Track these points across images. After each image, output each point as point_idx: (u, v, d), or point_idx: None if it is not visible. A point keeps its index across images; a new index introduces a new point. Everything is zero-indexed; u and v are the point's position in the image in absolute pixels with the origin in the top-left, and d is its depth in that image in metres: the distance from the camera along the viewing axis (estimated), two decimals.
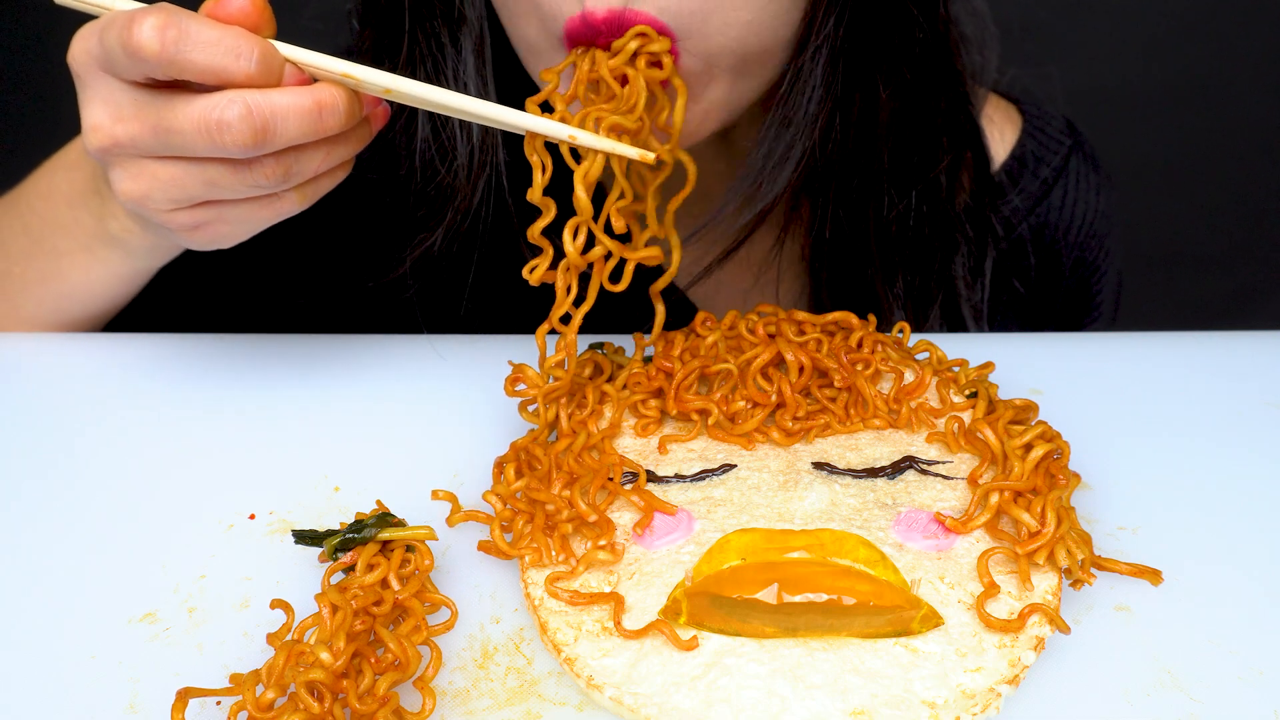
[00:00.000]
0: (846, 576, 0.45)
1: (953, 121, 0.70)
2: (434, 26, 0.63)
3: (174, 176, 0.50)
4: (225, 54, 0.46)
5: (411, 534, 0.48)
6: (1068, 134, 0.81)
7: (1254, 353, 0.65)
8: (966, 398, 0.56)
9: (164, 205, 0.51)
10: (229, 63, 0.46)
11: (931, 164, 0.69)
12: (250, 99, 0.47)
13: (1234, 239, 1.84)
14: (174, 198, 0.50)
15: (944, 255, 0.72)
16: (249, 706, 0.40)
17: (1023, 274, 0.80)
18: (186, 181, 0.50)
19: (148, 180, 0.50)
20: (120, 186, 0.51)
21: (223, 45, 0.46)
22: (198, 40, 0.46)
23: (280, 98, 0.47)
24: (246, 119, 0.46)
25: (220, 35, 0.46)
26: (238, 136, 0.46)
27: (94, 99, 0.49)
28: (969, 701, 0.41)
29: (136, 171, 0.50)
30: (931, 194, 0.70)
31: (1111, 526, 0.51)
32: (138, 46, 0.45)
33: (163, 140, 0.48)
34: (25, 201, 0.67)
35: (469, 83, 0.64)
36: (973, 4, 0.74)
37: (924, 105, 0.67)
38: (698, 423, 0.55)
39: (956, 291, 0.73)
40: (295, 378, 0.63)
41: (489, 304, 0.74)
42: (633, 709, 0.41)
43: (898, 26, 0.62)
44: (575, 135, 0.52)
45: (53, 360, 0.65)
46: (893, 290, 0.71)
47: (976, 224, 0.73)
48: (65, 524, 0.53)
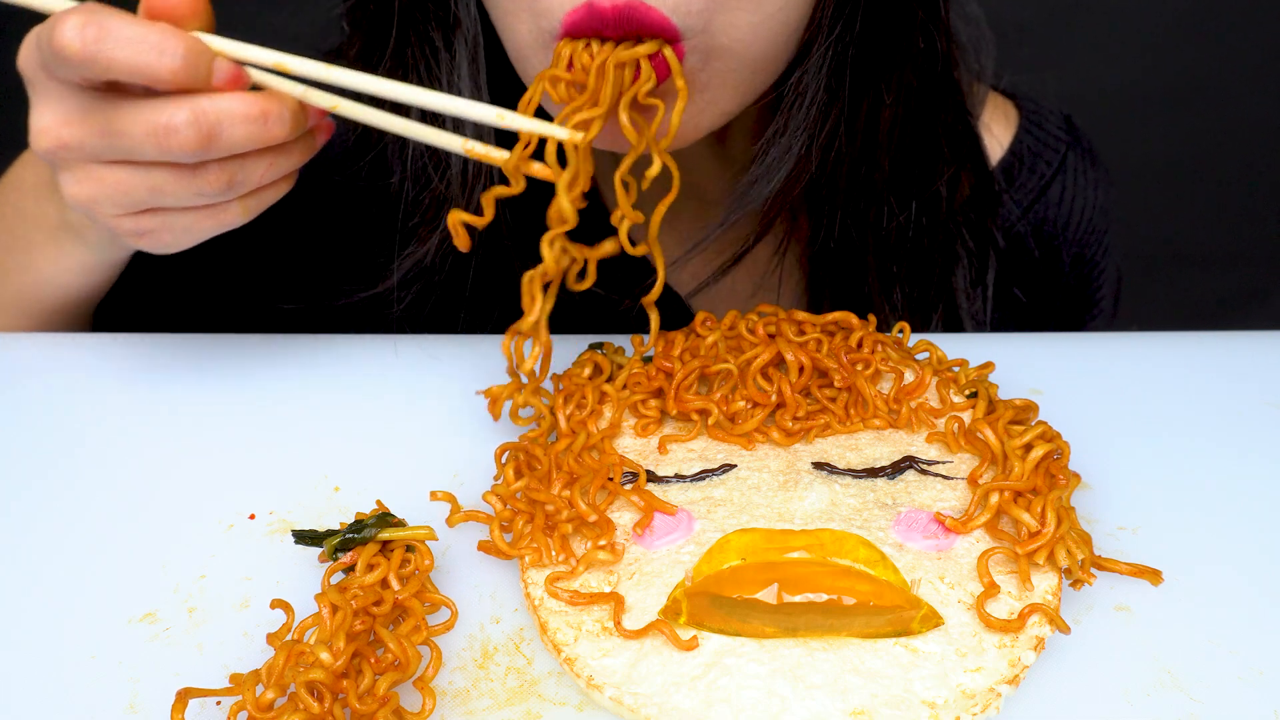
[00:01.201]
0: (846, 576, 0.45)
1: (953, 132, 0.70)
2: (427, 30, 0.63)
3: (120, 181, 0.50)
4: (148, 50, 0.46)
5: (411, 534, 0.48)
6: (1065, 130, 0.81)
7: (1254, 353, 0.65)
8: (966, 398, 0.56)
9: (110, 210, 0.51)
10: (152, 59, 0.46)
11: (931, 175, 0.69)
12: (196, 104, 0.47)
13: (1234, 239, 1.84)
14: (120, 203, 0.51)
15: (944, 267, 0.72)
16: (249, 706, 0.40)
17: (1022, 274, 0.79)
18: (132, 186, 0.50)
19: (94, 184, 0.50)
20: (68, 190, 0.51)
21: (146, 42, 0.46)
22: (118, 37, 0.45)
23: (226, 103, 0.47)
24: (193, 124, 0.47)
25: (143, 32, 0.46)
26: (184, 141, 0.47)
27: (41, 102, 0.49)
28: (969, 701, 0.41)
29: (83, 175, 0.50)
30: (931, 205, 0.70)
31: (1111, 526, 0.51)
32: (60, 47, 0.45)
33: (110, 144, 0.48)
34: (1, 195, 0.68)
35: (463, 87, 0.64)
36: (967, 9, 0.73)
37: (924, 115, 0.67)
38: (698, 423, 0.55)
39: (957, 303, 0.73)
40: (295, 378, 0.63)
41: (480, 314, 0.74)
42: (633, 709, 0.41)
43: (903, 35, 0.62)
44: (503, 115, 0.51)
45: (53, 360, 0.65)
46: (891, 301, 0.71)
47: (978, 235, 0.73)
48: (65, 524, 0.53)
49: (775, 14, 0.55)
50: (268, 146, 0.50)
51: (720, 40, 0.54)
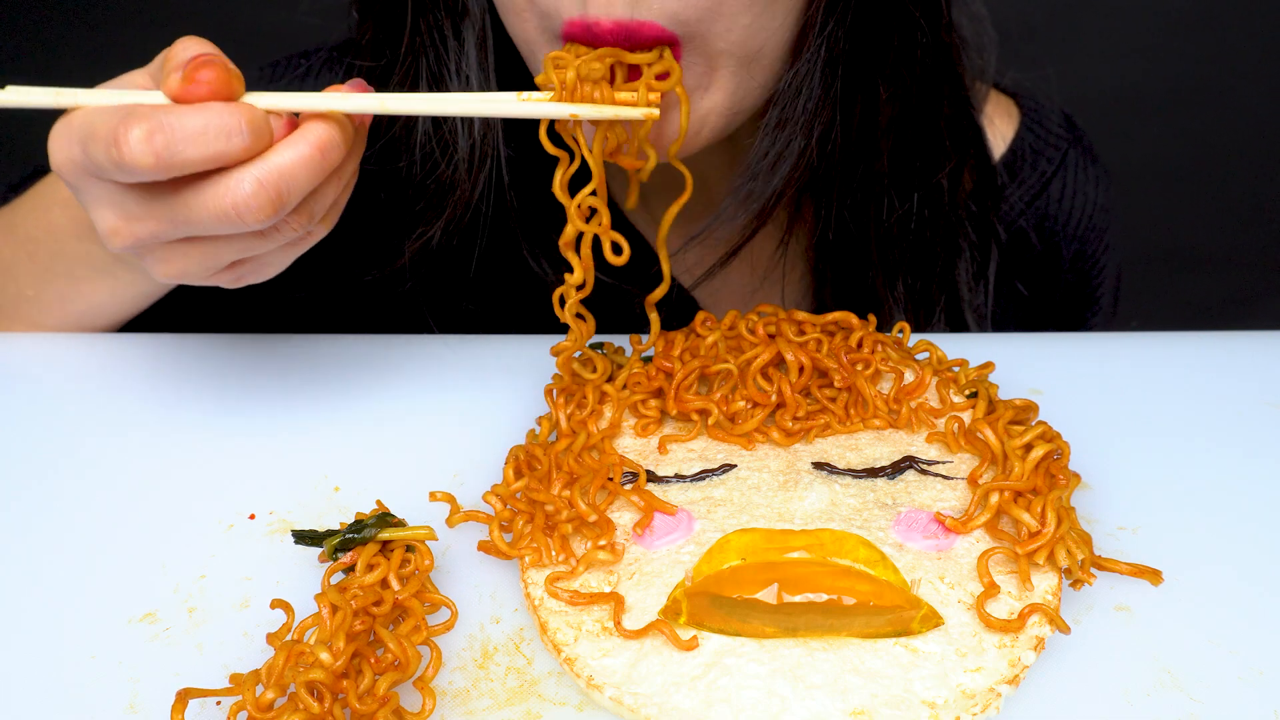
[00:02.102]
0: (846, 576, 0.45)
1: (955, 126, 0.70)
2: (437, 18, 0.63)
3: (206, 253, 0.49)
4: (217, 139, 0.45)
5: (411, 534, 0.48)
6: (1066, 128, 0.82)
7: (1254, 353, 0.65)
8: (966, 398, 0.56)
9: (203, 275, 0.51)
10: (223, 146, 0.45)
11: (934, 169, 0.69)
12: (258, 174, 0.46)
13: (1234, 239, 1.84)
14: (211, 268, 0.50)
15: (946, 259, 0.72)
16: (249, 706, 0.40)
17: (1023, 269, 0.80)
18: (220, 253, 0.50)
19: (182, 261, 0.50)
20: (157, 271, 0.50)
21: (211, 131, 0.45)
22: (187, 136, 0.44)
23: (283, 158, 0.46)
24: (259, 194, 0.46)
25: (205, 120, 0.45)
26: (257, 214, 0.46)
27: (98, 204, 0.48)
28: (969, 701, 0.41)
29: (167, 255, 0.50)
30: (934, 198, 0.70)
31: (1111, 526, 0.51)
32: (132, 163, 0.44)
33: (184, 230, 0.48)
34: (23, 232, 0.67)
35: (471, 75, 0.64)
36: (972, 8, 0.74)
37: (926, 109, 0.67)
38: (698, 423, 0.55)
39: (959, 295, 0.73)
40: (295, 378, 0.63)
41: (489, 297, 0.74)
42: (633, 709, 0.41)
43: (899, 30, 0.62)
44: (577, 111, 0.51)
45: (53, 360, 0.65)
46: (894, 293, 0.71)
47: (980, 228, 0.73)
48: (65, 524, 0.53)
49: (770, 15, 0.55)
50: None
51: (718, 45, 0.55)
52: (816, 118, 0.61)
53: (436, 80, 0.64)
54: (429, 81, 0.65)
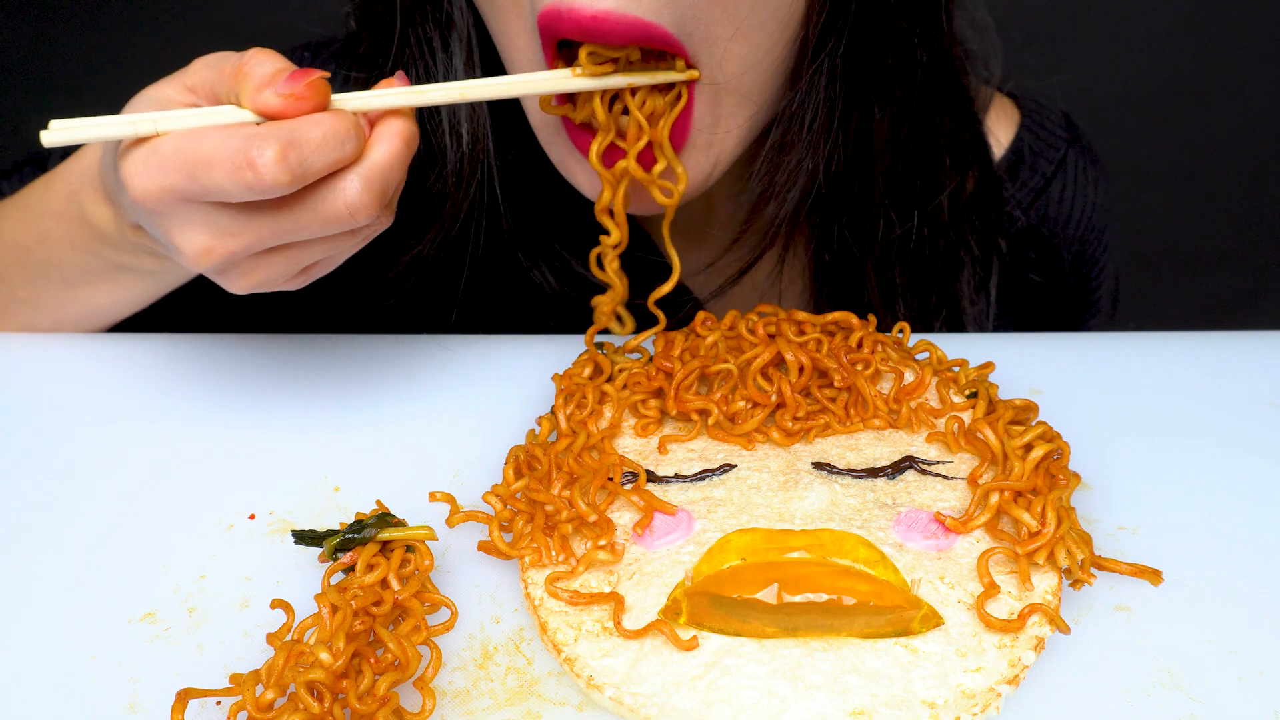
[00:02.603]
0: (846, 576, 0.45)
1: (958, 141, 0.70)
2: (426, 31, 0.63)
3: (291, 257, 0.50)
4: (338, 147, 0.47)
5: (411, 534, 0.48)
6: (1065, 129, 0.82)
7: (1254, 353, 0.65)
8: (966, 398, 0.56)
9: (281, 281, 0.51)
10: (341, 154, 0.47)
11: (934, 187, 0.69)
12: (362, 174, 0.48)
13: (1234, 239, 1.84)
14: (292, 271, 0.51)
15: (948, 273, 0.72)
16: (249, 706, 0.40)
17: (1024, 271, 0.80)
18: (306, 256, 0.50)
19: (266, 270, 0.50)
20: (237, 283, 0.51)
21: (331, 140, 0.46)
22: (312, 148, 0.46)
23: (380, 155, 0.48)
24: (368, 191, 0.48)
25: (323, 132, 0.46)
26: (367, 211, 0.48)
27: (186, 228, 0.48)
28: (969, 701, 0.41)
29: (251, 267, 0.50)
30: (934, 217, 0.70)
31: (1111, 526, 0.51)
32: (271, 183, 0.45)
33: (286, 238, 0.48)
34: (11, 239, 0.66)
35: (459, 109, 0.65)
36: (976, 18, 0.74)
37: (925, 127, 0.67)
38: (698, 423, 0.55)
39: (960, 307, 0.73)
40: (295, 378, 0.63)
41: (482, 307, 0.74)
42: (633, 709, 0.41)
43: (893, 50, 0.62)
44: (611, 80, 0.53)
45: (53, 360, 0.65)
46: (893, 309, 0.71)
47: (982, 241, 0.73)
48: (65, 524, 0.53)
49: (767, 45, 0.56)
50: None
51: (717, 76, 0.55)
52: (824, 138, 0.62)
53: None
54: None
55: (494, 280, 0.73)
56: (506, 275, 0.73)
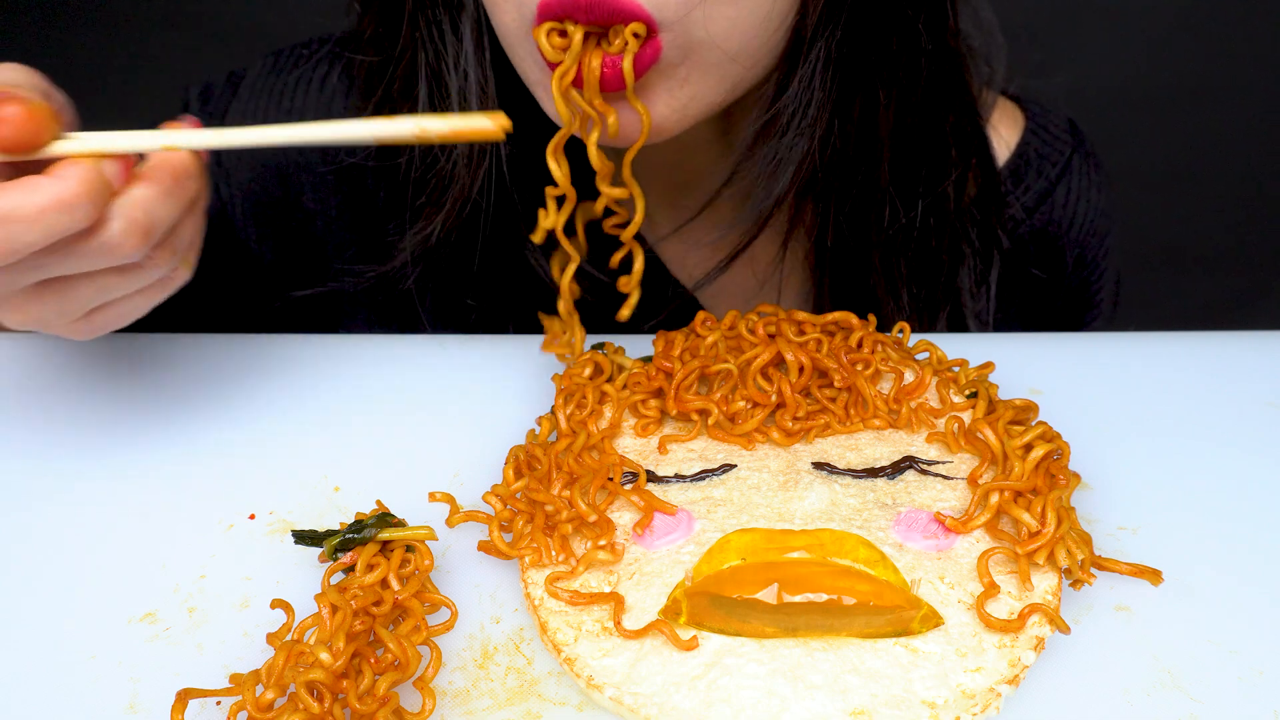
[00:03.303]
0: (846, 576, 0.45)
1: (961, 135, 0.70)
2: (435, 14, 0.63)
3: (62, 296, 0.47)
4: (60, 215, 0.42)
5: (411, 534, 0.48)
6: (1069, 132, 0.82)
7: (1254, 353, 0.65)
8: (966, 398, 0.56)
9: (59, 322, 0.49)
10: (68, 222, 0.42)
11: (939, 177, 0.69)
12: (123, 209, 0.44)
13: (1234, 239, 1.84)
14: (68, 313, 0.48)
15: (950, 266, 0.72)
16: (249, 706, 0.40)
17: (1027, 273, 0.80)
18: (78, 296, 0.47)
19: (36, 308, 0.47)
20: (11, 319, 0.48)
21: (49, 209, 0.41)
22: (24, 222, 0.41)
23: (145, 192, 0.45)
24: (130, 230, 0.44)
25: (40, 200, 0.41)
26: (130, 248, 0.45)
27: None
28: (969, 701, 0.41)
29: (20, 303, 0.47)
30: (938, 206, 0.70)
31: (1111, 526, 0.51)
32: None
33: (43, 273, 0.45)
34: None
35: (469, 70, 0.64)
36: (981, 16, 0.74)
37: (931, 117, 0.67)
38: (698, 423, 0.55)
39: (962, 302, 0.73)
40: (295, 378, 0.63)
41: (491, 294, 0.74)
42: (633, 709, 0.41)
43: (898, 34, 0.62)
44: (425, 128, 0.48)
45: (52, 360, 0.65)
46: (898, 301, 0.71)
47: (983, 235, 0.73)
48: (65, 524, 0.53)
49: (755, 8, 0.55)
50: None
51: (698, 34, 0.54)
52: (818, 121, 0.61)
53: (435, 75, 0.64)
54: (427, 77, 0.65)
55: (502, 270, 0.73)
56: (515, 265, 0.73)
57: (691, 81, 0.56)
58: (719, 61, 0.56)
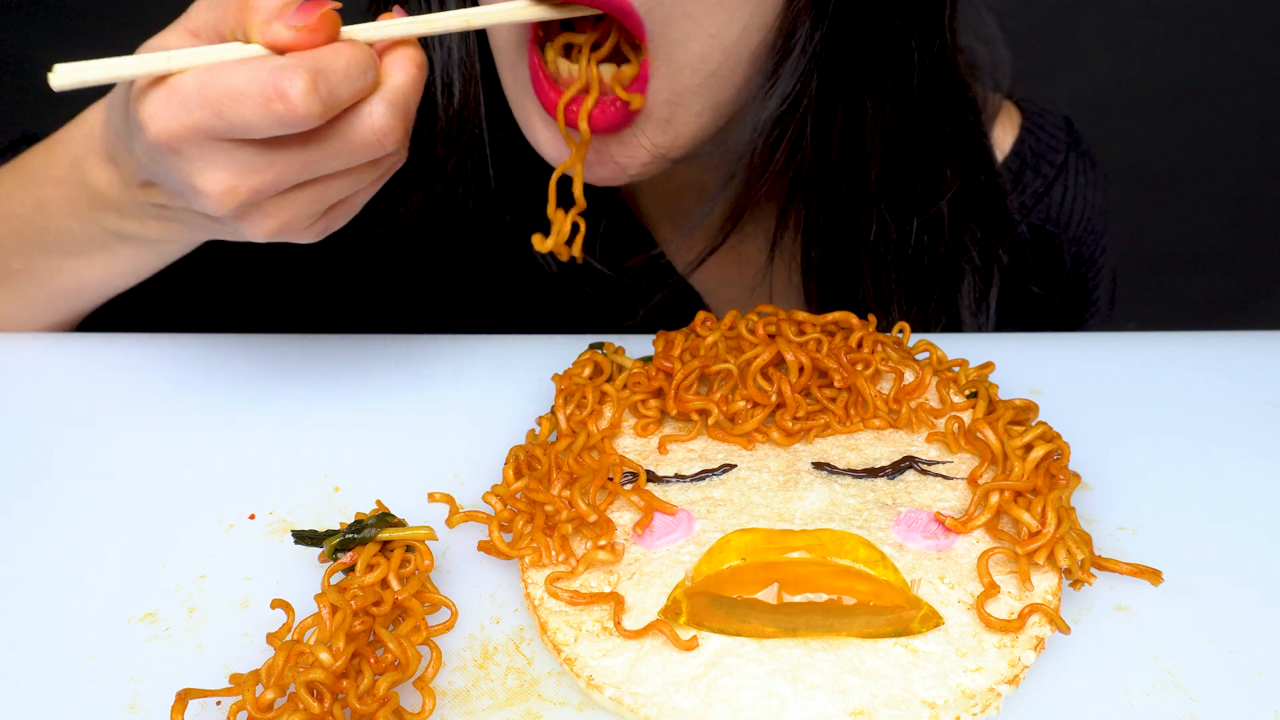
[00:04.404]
0: (846, 576, 0.45)
1: (960, 151, 0.70)
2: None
3: (315, 196, 0.49)
4: (360, 76, 0.46)
5: (411, 534, 0.48)
6: (1065, 131, 0.82)
7: (1254, 353, 0.65)
8: (966, 398, 0.56)
9: (304, 224, 0.51)
10: (363, 83, 0.46)
11: (934, 194, 0.69)
12: (386, 99, 0.47)
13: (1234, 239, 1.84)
14: (314, 213, 0.50)
15: (948, 284, 0.72)
16: (249, 706, 0.40)
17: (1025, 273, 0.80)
18: (329, 194, 0.49)
19: (289, 210, 0.49)
20: (258, 229, 0.50)
21: (354, 70, 0.46)
22: (339, 78, 0.45)
23: (400, 81, 0.48)
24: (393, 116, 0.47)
25: (346, 61, 0.45)
26: (398, 135, 0.48)
27: (212, 165, 0.47)
28: (969, 701, 0.41)
29: (274, 209, 0.49)
30: (934, 225, 0.70)
31: (1112, 526, 0.51)
32: (304, 116, 0.44)
33: (312, 172, 0.48)
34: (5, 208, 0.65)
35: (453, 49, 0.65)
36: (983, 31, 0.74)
37: (926, 131, 0.67)
38: (698, 423, 0.55)
39: (961, 319, 0.73)
40: (295, 378, 0.63)
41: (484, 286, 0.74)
42: (633, 709, 0.41)
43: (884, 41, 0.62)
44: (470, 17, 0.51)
45: (52, 360, 0.65)
46: (886, 318, 0.71)
47: (984, 252, 0.73)
48: (65, 524, 0.53)
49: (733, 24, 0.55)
50: None
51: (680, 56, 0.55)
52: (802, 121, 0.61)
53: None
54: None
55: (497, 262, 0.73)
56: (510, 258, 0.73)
57: (674, 125, 0.58)
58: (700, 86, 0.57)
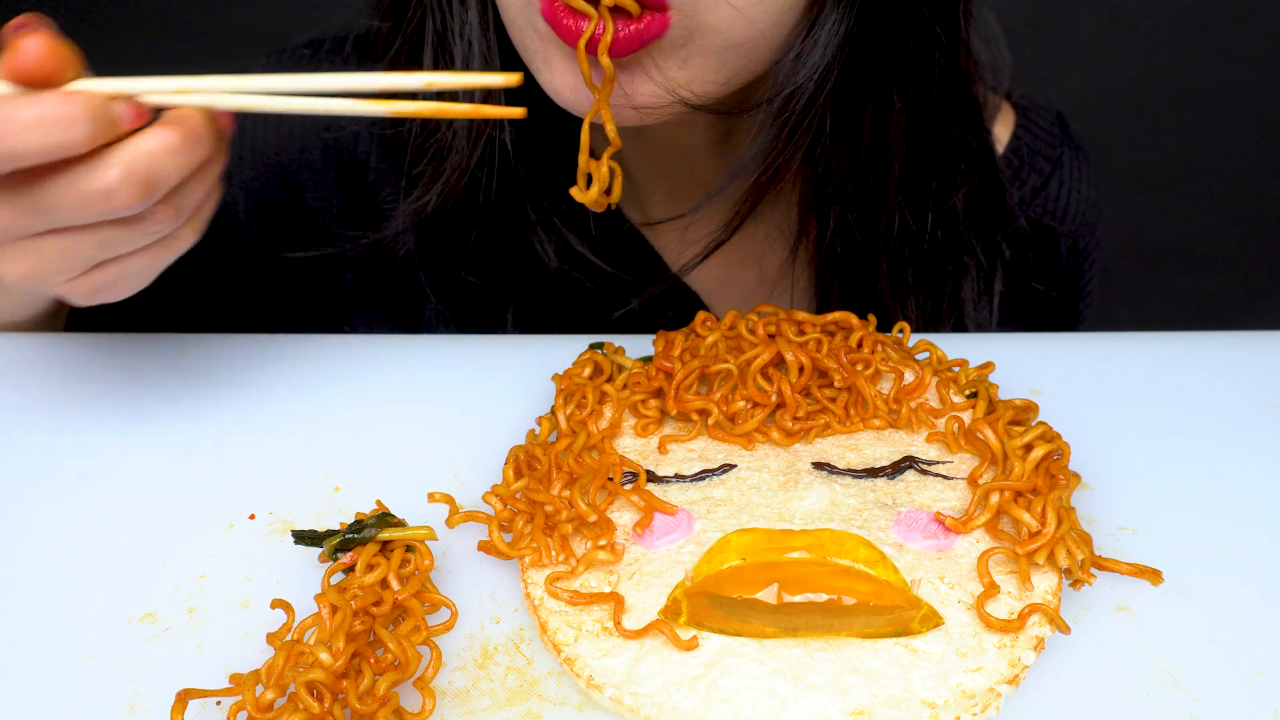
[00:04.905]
0: (846, 576, 0.45)
1: (968, 148, 0.70)
2: None
3: (62, 249, 0.47)
4: (53, 128, 0.42)
5: (411, 534, 0.48)
6: (1058, 126, 0.82)
7: (1254, 353, 0.65)
8: (966, 398, 0.56)
9: (59, 278, 0.48)
10: (61, 137, 0.42)
11: (947, 189, 0.69)
12: (124, 157, 0.44)
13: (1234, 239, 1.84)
14: (68, 268, 0.48)
15: (955, 279, 0.72)
16: (249, 706, 0.40)
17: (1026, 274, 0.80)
18: (76, 250, 0.47)
19: (35, 257, 0.47)
20: (6, 271, 0.48)
21: (47, 122, 0.42)
22: (21, 127, 0.42)
23: (149, 144, 0.44)
24: (129, 179, 0.44)
25: (40, 112, 0.42)
26: (127, 198, 0.44)
27: None
28: (969, 701, 0.41)
29: (19, 254, 0.47)
30: (948, 220, 0.70)
31: (1112, 526, 0.51)
32: None
33: (45, 220, 0.45)
34: None
35: (473, 40, 0.64)
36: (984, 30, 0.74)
37: (942, 127, 0.67)
38: (698, 423, 0.55)
39: (964, 313, 0.73)
40: (295, 378, 0.63)
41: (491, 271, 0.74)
42: (633, 709, 0.41)
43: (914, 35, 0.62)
44: (433, 80, 0.49)
45: (52, 360, 0.65)
46: (904, 310, 0.71)
47: (987, 249, 0.74)
48: (65, 524, 0.53)
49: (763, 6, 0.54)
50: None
51: (706, 18, 0.54)
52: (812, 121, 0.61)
53: (440, 39, 0.64)
54: (433, 42, 0.65)
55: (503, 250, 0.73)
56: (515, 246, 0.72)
57: (691, 64, 0.56)
58: (720, 49, 0.55)
